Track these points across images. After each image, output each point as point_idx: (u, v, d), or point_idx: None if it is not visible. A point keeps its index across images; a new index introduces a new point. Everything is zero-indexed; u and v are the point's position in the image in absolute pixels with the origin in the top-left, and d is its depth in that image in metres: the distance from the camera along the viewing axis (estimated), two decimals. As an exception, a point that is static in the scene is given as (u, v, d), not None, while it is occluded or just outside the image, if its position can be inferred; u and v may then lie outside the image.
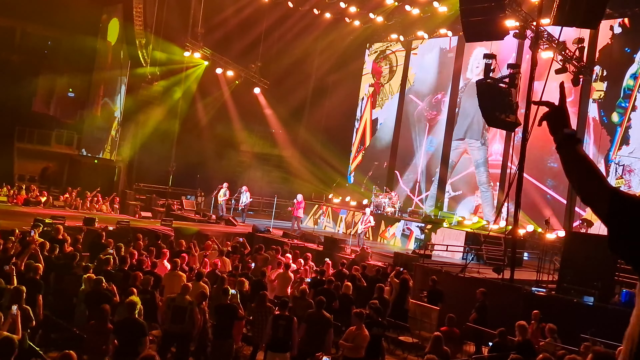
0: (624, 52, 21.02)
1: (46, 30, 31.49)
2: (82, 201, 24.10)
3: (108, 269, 11.11)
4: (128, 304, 7.95)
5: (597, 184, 2.15)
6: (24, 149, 29.06)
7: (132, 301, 7.99)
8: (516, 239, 15.76)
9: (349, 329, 9.41)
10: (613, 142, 20.85)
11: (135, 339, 7.55)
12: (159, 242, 14.73)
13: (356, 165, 30.91)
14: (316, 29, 29.50)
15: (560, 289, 13.33)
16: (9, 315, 7.20)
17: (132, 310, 7.83)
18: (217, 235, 18.60)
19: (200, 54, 27.22)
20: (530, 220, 21.09)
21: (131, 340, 7.56)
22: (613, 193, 2.10)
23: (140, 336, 7.60)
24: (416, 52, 28.89)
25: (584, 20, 14.78)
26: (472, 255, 17.13)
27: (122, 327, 7.72)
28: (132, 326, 7.70)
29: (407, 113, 28.79)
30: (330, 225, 26.25)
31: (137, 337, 7.57)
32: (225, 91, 29.56)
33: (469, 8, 16.49)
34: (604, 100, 21.34)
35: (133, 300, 8.03)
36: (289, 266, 13.63)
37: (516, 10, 18.01)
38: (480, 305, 12.27)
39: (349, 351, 9.10)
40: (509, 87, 15.86)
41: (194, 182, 28.33)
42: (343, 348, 9.24)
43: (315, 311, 9.68)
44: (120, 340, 7.62)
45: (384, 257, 18.32)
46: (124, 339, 7.61)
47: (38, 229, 13.90)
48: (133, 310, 7.84)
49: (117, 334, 7.64)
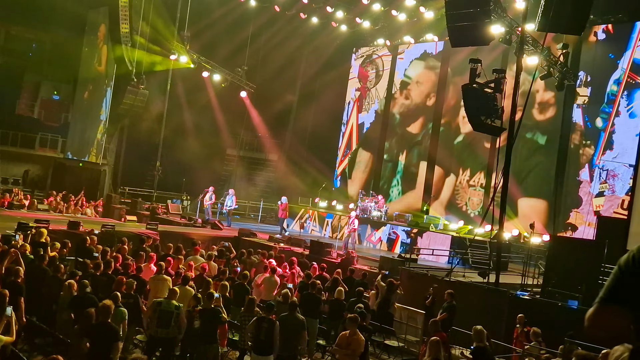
0: (607, 58, 21.26)
1: (30, 32, 31.24)
2: (66, 205, 23.89)
3: (97, 273, 11.01)
4: (102, 307, 7.88)
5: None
6: (7, 152, 28.76)
7: (106, 305, 7.90)
8: (501, 243, 15.84)
9: (342, 334, 9.37)
10: (597, 147, 21.05)
11: (108, 344, 7.49)
12: (144, 245, 14.62)
13: (342, 170, 30.95)
14: (303, 33, 29.55)
15: (545, 292, 13.42)
16: (4, 317, 7.12)
17: (106, 314, 7.76)
18: (203, 239, 18.51)
19: (187, 57, 27.14)
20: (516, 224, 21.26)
21: (103, 344, 7.50)
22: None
23: (113, 341, 7.55)
24: (402, 56, 29.01)
25: (568, 26, 14.94)
26: (458, 259, 17.20)
27: (96, 330, 7.65)
28: (105, 330, 7.64)
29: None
30: (317, 230, 26.25)
31: (109, 342, 7.51)
32: (211, 95, 29.48)
33: (455, 13, 16.61)
34: (588, 106, 21.56)
35: (107, 304, 7.94)
36: (275, 270, 13.60)
37: (501, 16, 18.16)
38: (449, 305, 12.33)
39: (346, 357, 9.02)
40: (494, 92, 15.97)
41: (179, 185, 28.21)
42: (338, 354, 9.14)
43: (288, 314, 9.63)
44: (92, 344, 7.55)
45: (369, 262, 18.34)
46: (96, 343, 7.54)
47: (23, 232, 13.77)
48: (107, 315, 7.77)
49: (90, 337, 7.57)
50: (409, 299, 14.08)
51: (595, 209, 20.48)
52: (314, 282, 12.67)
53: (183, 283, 10.80)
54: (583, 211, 20.88)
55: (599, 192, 20.69)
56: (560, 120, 22.32)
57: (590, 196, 20.81)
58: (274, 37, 29.05)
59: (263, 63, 29.70)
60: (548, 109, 22.95)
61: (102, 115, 28.53)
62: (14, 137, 28.94)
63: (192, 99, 29.50)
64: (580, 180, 21.28)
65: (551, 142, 22.70)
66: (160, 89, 28.00)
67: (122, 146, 29.50)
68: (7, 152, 28.74)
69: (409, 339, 13.24)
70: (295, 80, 31.47)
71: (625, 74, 20.59)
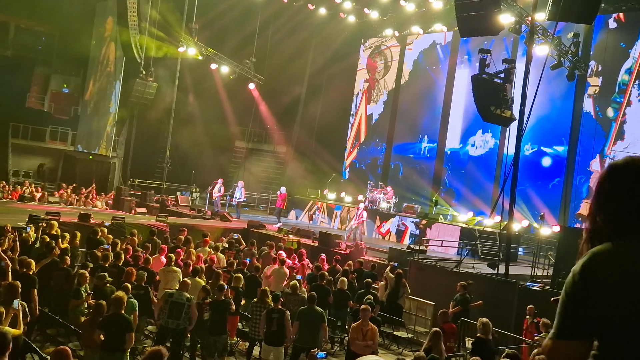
0: (619, 47, 21.06)
1: (40, 25, 31.38)
2: (77, 197, 24.03)
3: (105, 265, 11.10)
4: (115, 299, 7.96)
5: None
6: (18, 145, 28.96)
7: (119, 297, 7.98)
8: (511, 234, 15.79)
9: (354, 326, 9.40)
10: (608, 137, 20.90)
11: (121, 335, 7.58)
12: (154, 237, 14.71)
13: (350, 161, 30.92)
14: (311, 24, 29.45)
15: (555, 283, 13.36)
16: (11, 309, 7.18)
17: (119, 306, 7.84)
18: (212, 231, 18.56)
19: (195, 49, 27.14)
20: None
21: (116, 335, 7.58)
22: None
23: (126, 332, 7.63)
24: (411, 47, 28.87)
25: (579, 15, 14.79)
26: (467, 250, 17.16)
27: (109, 322, 7.73)
28: (118, 322, 7.72)
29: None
30: (326, 221, 26.26)
31: (122, 333, 7.60)
32: (219, 87, 29.48)
33: (464, 3, 16.47)
34: (599, 96, 21.38)
35: (119, 295, 8.02)
36: (284, 262, 13.63)
37: (511, 5, 18.01)
38: (462, 298, 12.31)
39: (367, 348, 9.03)
40: (504, 83, 15.87)
41: (188, 178, 28.30)
42: (356, 346, 9.15)
43: (308, 307, 9.69)
44: (106, 335, 7.63)
45: (378, 253, 18.35)
46: (109, 334, 7.63)
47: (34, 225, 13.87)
48: (120, 306, 7.85)
49: (104, 329, 7.66)
50: (418, 290, 14.08)
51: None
52: (323, 273, 12.70)
53: (193, 275, 10.86)
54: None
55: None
56: (570, 111, 22.17)
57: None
58: (282, 29, 28.96)
59: (271, 55, 29.63)
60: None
61: (111, 108, 28.63)
62: (24, 130, 29.12)
63: (200, 91, 29.55)
64: (592, 170, 21.15)
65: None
66: (169, 82, 28.04)
67: (131, 138, 29.62)
68: (18, 145, 28.93)
69: (418, 330, 13.26)
70: (304, 72, 31.40)
71: (637, 63, 20.39)
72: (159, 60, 26.80)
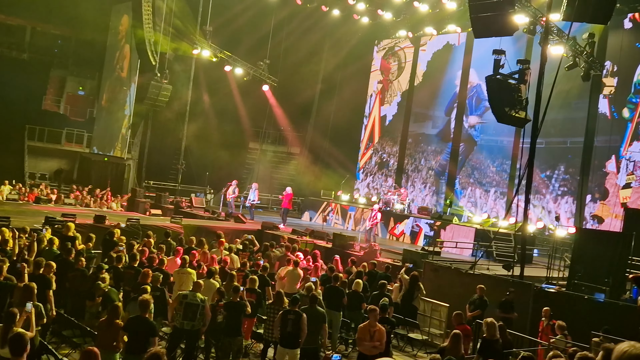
0: (634, 47, 20.86)
1: (56, 28, 31.70)
2: (92, 199, 24.23)
3: (119, 266, 11.17)
4: (141, 302, 7.97)
5: None
6: (34, 147, 29.25)
7: (146, 299, 8.00)
8: (526, 235, 15.68)
9: (361, 326, 9.37)
10: (624, 138, 20.70)
11: (144, 337, 7.59)
12: (168, 239, 14.78)
13: (364, 162, 30.88)
14: (324, 26, 29.50)
15: (571, 285, 13.27)
16: (24, 312, 7.24)
17: (145, 308, 7.87)
18: (226, 232, 18.62)
19: (209, 51, 27.27)
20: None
21: (141, 338, 7.60)
22: None
23: (150, 335, 7.65)
24: (425, 48, 28.79)
25: (594, 15, 14.68)
26: (482, 252, 17.07)
27: (133, 324, 7.76)
28: (142, 324, 7.75)
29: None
30: (339, 223, 26.25)
31: (147, 336, 7.62)
32: (233, 89, 29.60)
33: (478, 3, 16.39)
34: (615, 96, 21.19)
35: (146, 298, 8.04)
36: (298, 263, 13.64)
37: (525, 5, 17.91)
38: (480, 301, 12.25)
39: (374, 349, 9.01)
40: (518, 83, 15.77)
41: (203, 179, 28.42)
42: (364, 347, 9.12)
43: (309, 307, 9.68)
44: (130, 337, 7.67)
45: (393, 254, 18.30)
46: (134, 336, 7.65)
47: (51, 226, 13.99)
48: (146, 309, 7.88)
49: (127, 331, 7.68)
50: (432, 292, 14.03)
51: (622, 201, 20.17)
52: (337, 274, 12.68)
53: (208, 276, 10.90)
54: (610, 203, 20.59)
55: (626, 183, 20.37)
56: (586, 112, 21.99)
57: (617, 188, 20.51)
58: (295, 31, 29.02)
59: (285, 56, 29.70)
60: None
61: (126, 110, 28.84)
62: (40, 132, 29.41)
63: (214, 93, 29.67)
64: (607, 171, 20.96)
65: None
66: (183, 84, 28.20)
67: (146, 140, 29.83)
68: (34, 147, 29.22)
69: (432, 332, 13.22)
70: (317, 74, 31.43)
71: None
72: (173, 60, 26.97)
